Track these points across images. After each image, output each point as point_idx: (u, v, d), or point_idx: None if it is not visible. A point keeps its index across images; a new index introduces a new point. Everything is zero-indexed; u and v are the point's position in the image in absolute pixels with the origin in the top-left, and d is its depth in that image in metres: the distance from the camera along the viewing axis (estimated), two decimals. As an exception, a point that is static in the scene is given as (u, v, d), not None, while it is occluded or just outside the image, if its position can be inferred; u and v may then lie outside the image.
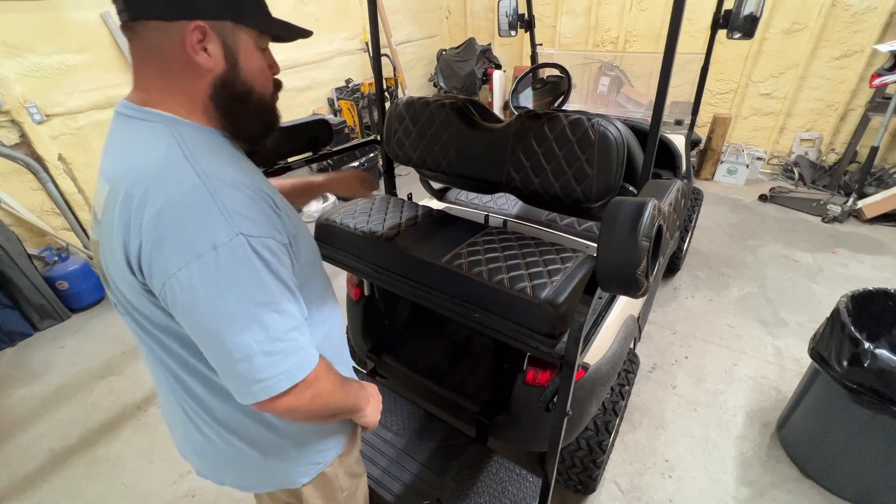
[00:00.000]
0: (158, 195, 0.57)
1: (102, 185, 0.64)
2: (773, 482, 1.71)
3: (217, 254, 0.56)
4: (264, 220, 0.62)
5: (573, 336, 0.85)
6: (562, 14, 5.03)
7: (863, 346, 1.39)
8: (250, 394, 0.61)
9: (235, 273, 0.57)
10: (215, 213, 0.57)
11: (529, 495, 1.28)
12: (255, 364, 0.59)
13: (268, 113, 0.75)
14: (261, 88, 0.70)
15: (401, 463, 1.37)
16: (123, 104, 0.65)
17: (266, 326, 0.60)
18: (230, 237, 0.57)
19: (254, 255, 0.59)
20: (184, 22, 0.59)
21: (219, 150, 0.66)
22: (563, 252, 1.22)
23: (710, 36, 2.17)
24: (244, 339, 0.58)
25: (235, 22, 0.63)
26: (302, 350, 0.64)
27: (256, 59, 0.68)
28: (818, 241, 3.30)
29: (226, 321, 0.58)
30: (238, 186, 0.61)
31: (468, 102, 1.52)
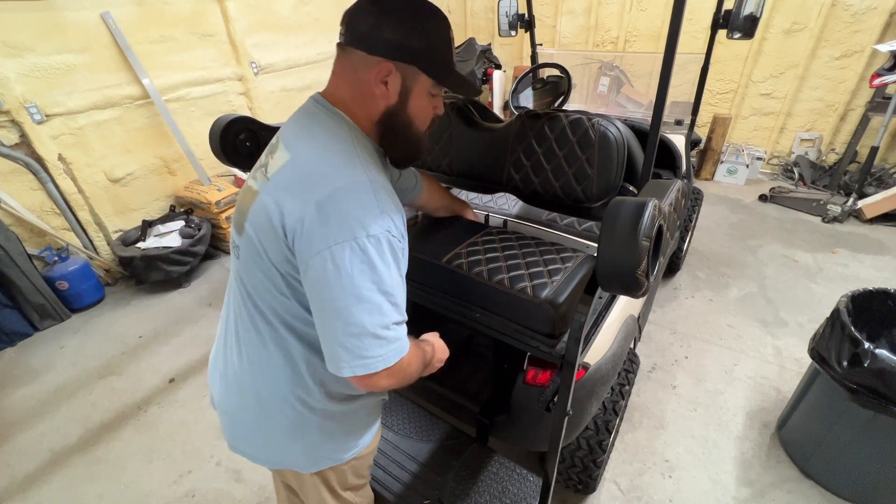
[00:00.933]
0: (335, 181, 0.68)
1: (283, 152, 0.74)
2: (773, 482, 1.71)
3: (369, 241, 0.66)
4: (400, 223, 0.73)
5: (573, 336, 0.85)
6: (562, 14, 5.03)
7: (863, 346, 1.39)
8: (350, 366, 0.69)
9: (376, 261, 0.67)
10: (375, 208, 0.68)
11: (530, 495, 1.28)
12: (364, 342, 0.68)
13: (416, 145, 0.85)
14: (419, 125, 0.81)
15: (401, 462, 1.37)
16: (318, 99, 0.79)
17: (384, 313, 0.69)
18: (380, 230, 0.67)
19: (390, 249, 0.69)
20: (380, 59, 0.72)
21: (377, 159, 0.79)
22: (563, 252, 1.22)
23: (710, 36, 2.17)
24: (365, 319, 0.67)
25: (420, 69, 0.75)
26: (401, 340, 0.72)
27: (424, 102, 0.79)
28: (818, 241, 3.30)
29: (356, 300, 0.66)
30: (392, 194, 0.74)
31: (468, 102, 1.52)
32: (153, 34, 2.95)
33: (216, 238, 3.35)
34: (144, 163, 3.11)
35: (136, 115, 2.98)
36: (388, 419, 1.51)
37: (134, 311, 2.81)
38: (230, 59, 3.45)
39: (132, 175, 3.06)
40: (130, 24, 2.82)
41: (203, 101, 3.34)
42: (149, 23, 2.91)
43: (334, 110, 0.76)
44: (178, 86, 3.14)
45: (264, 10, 3.61)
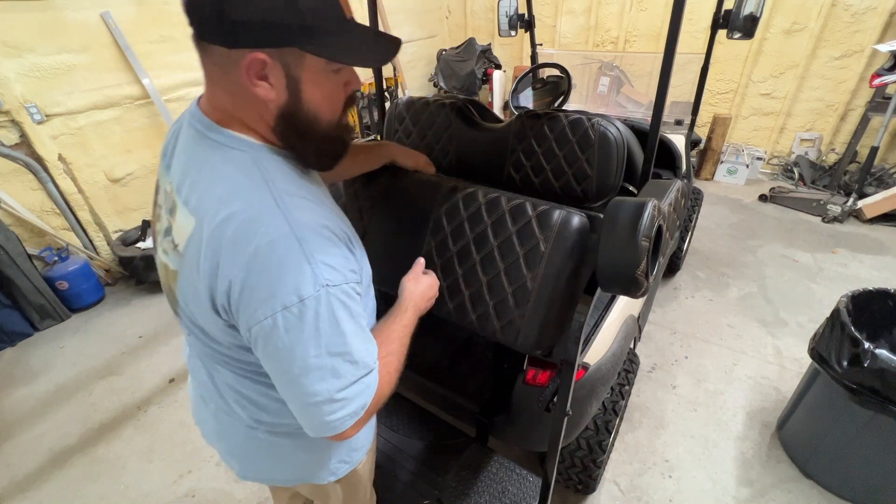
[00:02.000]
0: (250, 241, 0.56)
1: (186, 218, 0.61)
2: (773, 482, 1.71)
3: (303, 305, 0.56)
4: (345, 266, 0.62)
5: (573, 336, 0.85)
6: (562, 14, 5.03)
7: (863, 346, 1.39)
8: (316, 432, 0.63)
9: (318, 325, 0.58)
10: (303, 264, 0.56)
11: (529, 495, 1.28)
12: (324, 409, 0.61)
13: (333, 140, 0.68)
14: (328, 116, 0.64)
15: (401, 462, 1.36)
16: (200, 119, 0.63)
17: (340, 375, 0.61)
18: (316, 289, 0.57)
19: (336, 304, 0.59)
20: (244, 51, 0.54)
21: (297, 183, 0.64)
22: (530, 240, 1.01)
23: (710, 36, 2.17)
24: (318, 388, 0.60)
25: (302, 49, 0.56)
26: (366, 391, 0.64)
27: (323, 87, 0.61)
28: (818, 241, 3.30)
29: (303, 370, 0.59)
30: (322, 232, 0.60)
31: (468, 102, 1.52)
32: (153, 34, 2.94)
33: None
34: (144, 163, 3.11)
35: (136, 115, 2.98)
36: (388, 419, 1.51)
37: (134, 311, 2.81)
38: (230, 59, 3.45)
39: (132, 175, 3.06)
40: (130, 24, 2.82)
41: (203, 101, 3.34)
42: (149, 23, 2.91)
43: (225, 134, 0.61)
44: (178, 86, 3.14)
45: (264, 10, 3.61)
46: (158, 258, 0.69)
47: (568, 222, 0.92)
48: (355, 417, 0.63)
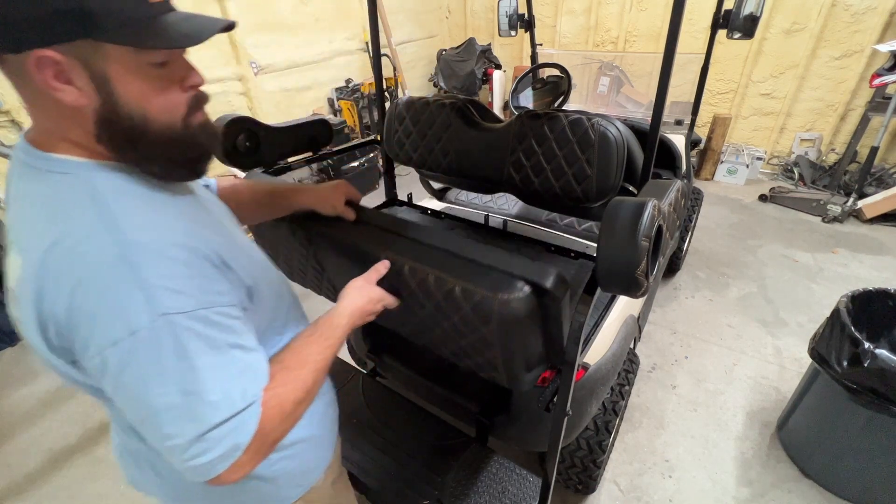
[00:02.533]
0: (72, 271, 0.49)
1: (15, 259, 0.54)
2: (773, 482, 1.71)
3: (135, 340, 0.49)
4: (202, 288, 0.54)
5: (573, 336, 0.85)
6: (562, 14, 5.03)
7: (863, 346, 1.39)
8: (188, 476, 0.55)
9: (159, 360, 0.50)
10: (135, 292, 0.49)
11: (529, 495, 1.28)
12: (183, 454, 0.52)
13: (182, 148, 0.58)
14: (161, 116, 0.55)
15: (400, 462, 1.37)
16: (23, 147, 0.55)
17: (197, 418, 0.52)
18: (152, 319, 0.49)
19: (185, 335, 0.51)
20: (30, 53, 0.47)
21: (144, 198, 0.55)
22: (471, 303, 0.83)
23: (710, 36, 2.17)
24: (169, 431, 0.52)
25: (99, 40, 0.48)
26: (241, 429, 0.55)
27: (142, 82, 0.53)
28: (818, 241, 3.30)
29: (150, 412, 0.52)
30: (167, 252, 0.52)
31: (468, 102, 1.52)
32: (153, 34, 2.94)
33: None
34: (144, 163, 3.10)
35: (136, 115, 2.97)
36: (388, 419, 1.51)
37: (134, 311, 2.81)
38: (230, 58, 3.45)
39: (132, 175, 3.06)
40: (130, 24, 2.81)
41: (203, 101, 3.34)
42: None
43: (48, 158, 0.53)
44: (178, 86, 3.13)
45: (264, 9, 3.62)
46: (9, 308, 0.60)
47: (506, 310, 0.76)
48: (228, 460, 0.54)
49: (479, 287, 0.77)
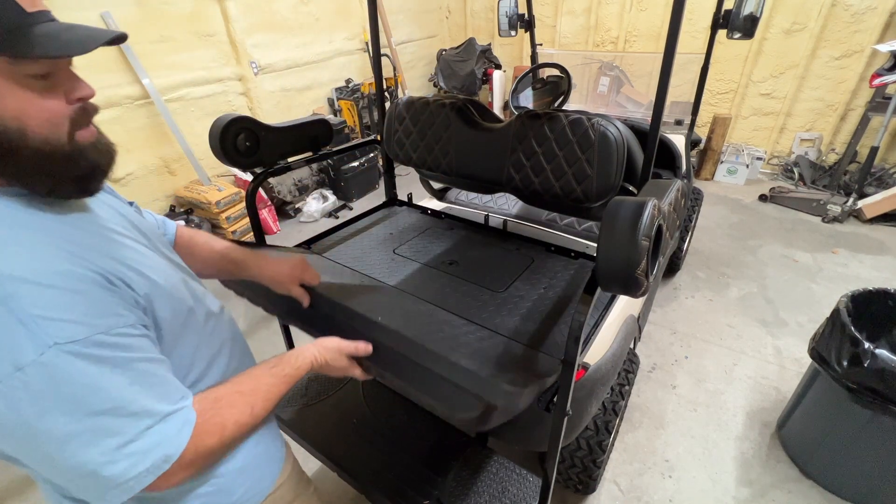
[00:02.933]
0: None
1: None
2: (773, 482, 1.71)
3: (24, 374, 0.45)
4: (93, 312, 0.51)
5: (573, 336, 0.85)
6: (562, 14, 5.03)
7: (863, 346, 1.39)
8: (108, 500, 0.53)
9: (57, 390, 0.47)
10: (13, 326, 0.45)
11: (529, 495, 1.28)
12: (104, 474, 0.50)
13: (66, 160, 0.54)
14: (42, 130, 0.51)
15: (400, 462, 1.37)
16: None
17: (114, 433, 0.50)
18: (40, 352, 0.46)
19: (81, 363, 0.48)
20: None
21: (16, 225, 0.51)
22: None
23: (710, 36, 2.18)
24: (87, 455, 0.49)
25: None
26: (172, 437, 0.54)
27: (19, 93, 0.49)
28: (818, 241, 3.30)
29: (59, 444, 0.48)
30: (45, 280, 0.48)
31: (468, 102, 1.52)
32: (153, 34, 2.94)
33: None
34: (144, 163, 3.11)
35: (136, 115, 2.98)
36: (387, 419, 1.51)
37: (134, 311, 2.81)
38: (230, 59, 3.45)
39: (132, 175, 3.06)
40: (130, 24, 2.82)
41: (203, 101, 3.34)
42: (149, 23, 2.91)
43: None
44: (178, 86, 3.14)
45: (264, 10, 3.62)
46: None
47: (463, 424, 0.86)
48: (158, 471, 0.53)
49: (440, 404, 0.84)
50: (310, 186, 3.96)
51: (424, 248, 1.61)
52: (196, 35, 3.16)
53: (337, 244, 1.65)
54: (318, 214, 3.81)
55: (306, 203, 3.84)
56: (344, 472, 1.35)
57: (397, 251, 1.59)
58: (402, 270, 1.47)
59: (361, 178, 4.14)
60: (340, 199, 4.05)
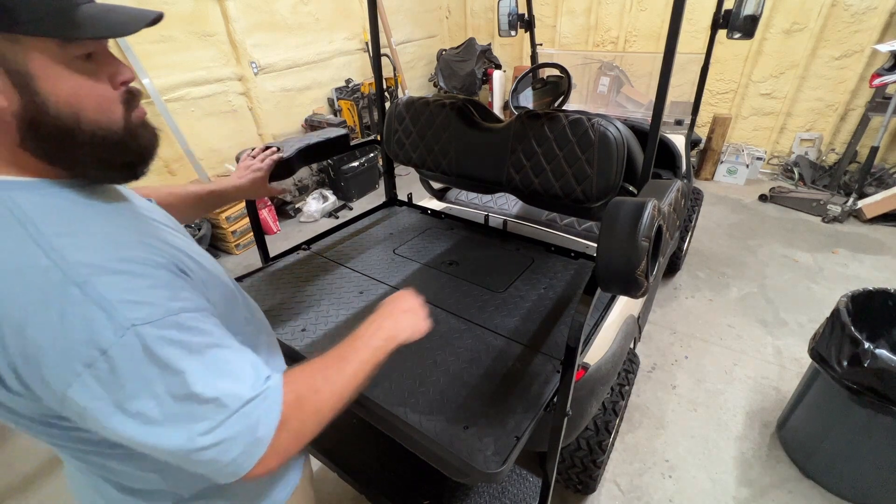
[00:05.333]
0: (14, 306, 0.44)
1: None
2: (773, 482, 1.71)
3: (109, 358, 0.45)
4: (166, 296, 0.50)
5: (573, 336, 0.85)
6: (562, 14, 5.03)
7: (863, 346, 1.39)
8: (219, 477, 0.53)
9: (141, 373, 0.47)
10: (91, 310, 0.45)
11: (529, 495, 1.28)
12: (200, 457, 0.50)
13: (121, 146, 0.54)
14: (95, 115, 0.51)
15: (400, 462, 1.36)
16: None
17: (198, 418, 0.49)
18: (121, 334, 0.45)
19: (159, 344, 0.48)
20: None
21: (81, 217, 0.51)
22: None
23: (710, 36, 2.17)
24: (176, 440, 0.49)
25: (6, 33, 0.44)
26: (260, 419, 0.53)
27: (71, 77, 0.48)
28: (818, 241, 3.30)
29: (150, 430, 0.48)
30: (118, 266, 0.48)
31: (468, 102, 1.52)
32: (153, 34, 2.94)
33: (216, 238, 3.36)
34: (144, 163, 3.11)
35: (136, 115, 2.98)
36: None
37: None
38: (230, 58, 3.45)
39: (132, 175, 3.06)
40: (130, 24, 2.82)
41: (203, 100, 3.34)
42: (149, 23, 2.91)
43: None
44: (178, 86, 3.13)
45: (264, 10, 3.62)
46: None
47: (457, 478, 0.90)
48: (253, 457, 0.53)
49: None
50: (310, 186, 3.96)
51: (424, 248, 1.61)
52: (196, 35, 3.16)
53: (337, 244, 1.65)
54: (318, 214, 3.81)
55: (306, 203, 3.84)
56: (344, 472, 1.36)
57: (397, 251, 1.59)
58: (402, 271, 1.47)
59: (361, 178, 4.14)
60: (340, 199, 4.05)
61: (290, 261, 1.54)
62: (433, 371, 1.06)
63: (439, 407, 0.97)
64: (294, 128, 4.19)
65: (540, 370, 1.07)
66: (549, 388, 1.02)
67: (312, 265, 1.51)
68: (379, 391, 1.01)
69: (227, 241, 3.35)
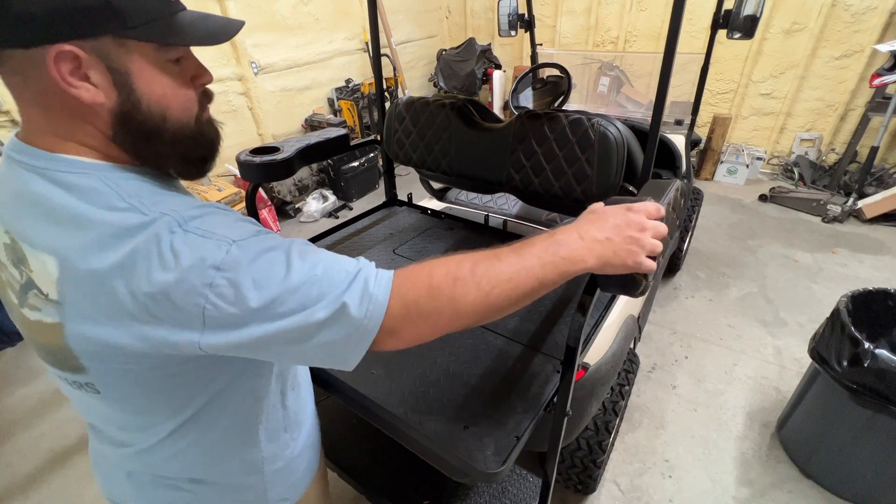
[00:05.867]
0: (130, 251, 0.48)
1: (44, 261, 0.50)
2: (773, 482, 1.71)
3: (225, 272, 0.49)
4: (252, 223, 0.56)
5: (573, 336, 0.85)
6: (562, 14, 5.03)
7: (863, 346, 1.39)
8: (364, 336, 0.55)
9: (255, 276, 0.50)
10: (198, 241, 0.50)
11: (529, 495, 1.28)
12: (329, 329, 0.53)
13: (196, 144, 0.59)
14: (179, 114, 0.56)
15: (400, 462, 1.37)
16: (23, 150, 0.52)
17: (322, 294, 0.53)
18: (226, 250, 0.50)
19: (263, 249, 0.52)
20: (49, 47, 0.45)
21: (166, 191, 0.56)
22: None
23: (710, 36, 2.17)
24: (311, 318, 0.52)
25: (116, 36, 0.48)
26: (374, 280, 0.56)
27: (163, 78, 0.53)
28: (818, 241, 3.30)
29: (280, 323, 0.51)
30: (205, 212, 0.53)
31: (468, 102, 1.52)
32: (153, 34, 2.94)
33: (216, 238, 3.36)
34: (144, 163, 3.11)
35: (136, 115, 2.98)
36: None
37: (134, 311, 2.81)
38: (230, 58, 3.45)
39: (132, 175, 3.06)
40: (130, 24, 2.82)
41: (203, 101, 3.34)
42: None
43: (55, 158, 0.51)
44: (178, 86, 3.14)
45: (264, 9, 3.62)
46: (26, 320, 0.56)
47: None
48: (381, 309, 0.54)
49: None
50: (310, 186, 3.96)
51: (424, 248, 1.61)
52: (196, 35, 3.16)
53: (337, 244, 1.65)
54: (318, 214, 3.81)
55: (306, 203, 3.84)
56: (344, 472, 1.36)
57: (397, 251, 1.59)
58: None
59: (361, 178, 4.14)
60: (340, 199, 4.05)
61: (290, 261, 1.54)
62: (433, 371, 1.06)
63: (439, 407, 0.97)
64: (294, 128, 4.19)
65: (540, 370, 1.07)
66: (549, 388, 1.02)
67: None
68: (379, 391, 1.01)
69: (227, 241, 3.36)
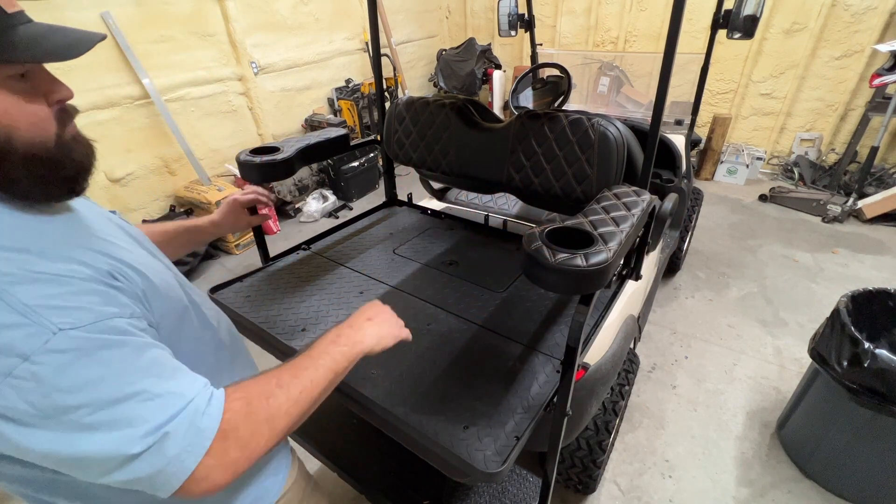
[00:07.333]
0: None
1: None
2: (773, 482, 1.71)
3: (32, 364, 0.43)
4: (97, 301, 0.49)
5: (573, 336, 0.85)
6: (562, 14, 5.03)
7: (863, 346, 1.38)
8: (159, 492, 0.50)
9: (69, 378, 0.45)
10: (12, 318, 0.43)
11: (529, 495, 1.28)
12: (141, 463, 0.48)
13: (55, 162, 0.53)
14: (29, 133, 0.50)
15: (400, 462, 1.37)
16: None
17: (137, 420, 0.47)
18: (45, 339, 0.44)
19: (91, 346, 0.46)
20: None
21: (13, 227, 0.50)
22: None
23: (710, 36, 2.17)
24: (113, 443, 0.46)
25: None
26: (202, 418, 0.51)
27: (4, 97, 0.48)
28: (818, 241, 3.30)
29: (80, 436, 0.45)
30: (37, 276, 0.47)
31: (468, 102, 1.52)
32: (153, 34, 2.95)
33: (216, 238, 3.37)
34: (144, 163, 3.11)
35: (136, 115, 2.98)
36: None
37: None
38: (230, 58, 3.45)
39: (132, 175, 3.06)
40: (130, 24, 2.82)
41: (203, 100, 3.34)
42: (149, 23, 2.91)
43: None
44: (178, 86, 3.14)
45: (264, 10, 3.62)
46: None
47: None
48: (195, 456, 0.50)
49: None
50: (310, 186, 3.96)
51: (424, 248, 1.61)
52: (196, 35, 3.16)
53: (337, 244, 1.65)
54: (318, 214, 3.81)
55: (306, 203, 3.84)
56: (344, 472, 1.36)
57: (397, 251, 1.59)
58: (403, 271, 1.47)
59: (361, 178, 4.14)
60: (340, 200, 4.05)
61: (289, 261, 1.54)
62: (433, 371, 1.06)
63: (439, 407, 0.97)
64: (294, 128, 4.19)
65: (540, 370, 1.07)
66: (549, 388, 1.02)
67: (312, 265, 1.51)
68: (379, 391, 1.00)
69: (226, 241, 3.35)
